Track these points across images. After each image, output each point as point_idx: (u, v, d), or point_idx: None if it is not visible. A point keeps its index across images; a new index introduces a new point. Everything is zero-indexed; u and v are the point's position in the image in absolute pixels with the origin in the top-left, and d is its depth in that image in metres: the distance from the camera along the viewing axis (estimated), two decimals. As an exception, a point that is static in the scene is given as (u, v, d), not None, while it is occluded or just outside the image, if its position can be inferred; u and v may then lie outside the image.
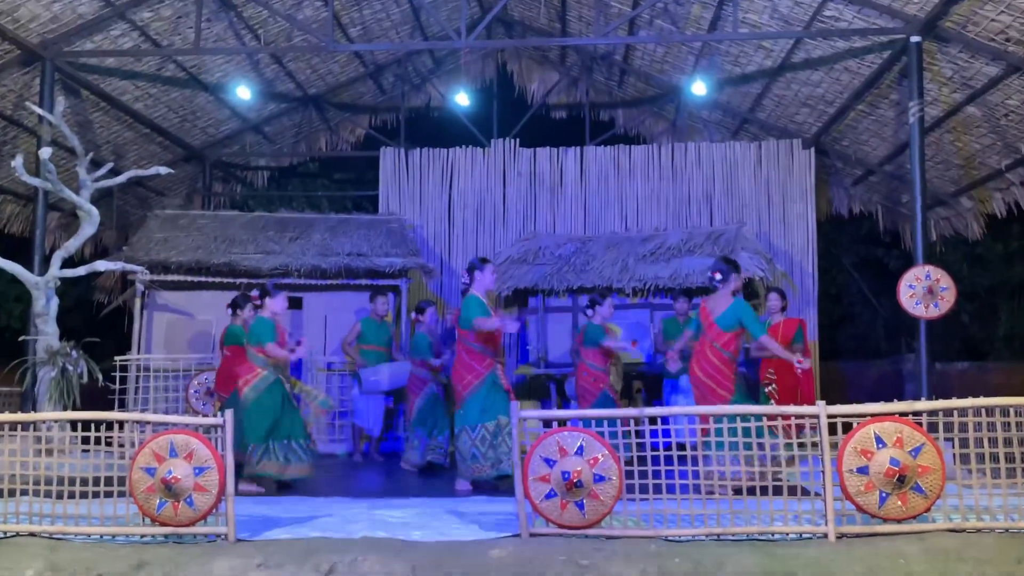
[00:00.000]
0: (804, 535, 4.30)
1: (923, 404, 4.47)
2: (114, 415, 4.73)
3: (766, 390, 8.14)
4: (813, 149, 11.36)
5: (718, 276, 6.31)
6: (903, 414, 4.36)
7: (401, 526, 4.80)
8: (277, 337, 6.61)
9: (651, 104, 12.81)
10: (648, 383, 9.56)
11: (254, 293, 6.87)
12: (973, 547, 4.05)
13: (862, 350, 13.58)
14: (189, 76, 10.56)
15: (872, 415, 4.36)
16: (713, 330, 6.21)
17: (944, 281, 7.84)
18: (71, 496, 4.61)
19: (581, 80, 12.74)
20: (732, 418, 4.71)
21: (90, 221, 8.11)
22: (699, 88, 11.06)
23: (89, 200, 8.15)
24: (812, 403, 4.75)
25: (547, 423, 4.81)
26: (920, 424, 4.34)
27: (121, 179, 8.59)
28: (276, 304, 6.79)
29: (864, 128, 10.71)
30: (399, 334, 9.80)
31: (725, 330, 6.16)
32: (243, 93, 11.05)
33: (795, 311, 9.84)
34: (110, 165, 8.71)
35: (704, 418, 5.18)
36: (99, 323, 10.48)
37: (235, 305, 8.12)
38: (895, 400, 4.42)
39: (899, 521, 4.26)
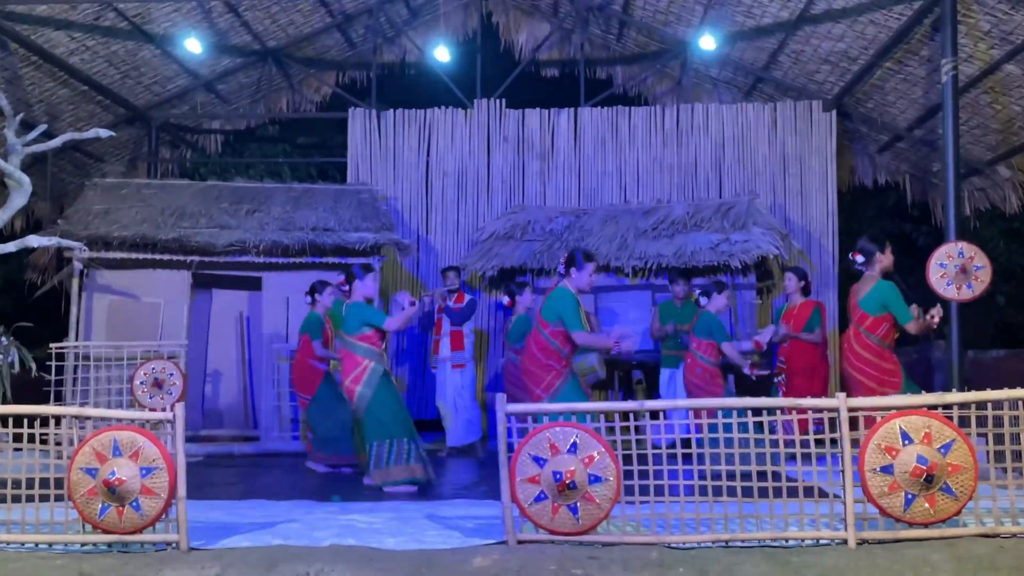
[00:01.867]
0: (821, 541, 4.33)
1: (954, 396, 4.50)
2: (50, 409, 4.71)
3: (775, 380, 8.21)
4: (834, 112, 11.37)
5: (859, 258, 6.54)
6: (932, 407, 4.39)
7: (373, 532, 4.81)
8: (373, 320, 6.73)
9: (654, 60, 12.78)
10: (648, 372, 9.62)
11: (339, 278, 6.94)
12: (1007, 554, 4.09)
13: (887, 336, 13.65)
14: (132, 26, 10.44)
15: (897, 408, 4.39)
16: (857, 313, 6.44)
17: (979, 259, 7.87)
18: (2, 500, 4.60)
19: (575, 33, 12.69)
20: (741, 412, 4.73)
21: (20, 191, 8.04)
22: (707, 43, 11.04)
23: (19, 167, 8.07)
24: (825, 395, 4.79)
25: (536, 418, 4.82)
26: (950, 418, 4.37)
27: (56, 143, 8.52)
28: (367, 288, 6.90)
29: (891, 88, 10.73)
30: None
31: (870, 313, 6.37)
32: (193, 46, 10.94)
33: (812, 293, 9.88)
34: (43, 127, 8.63)
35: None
36: (32, 306, 10.41)
37: (313, 290, 8.35)
38: (923, 391, 4.45)
39: (926, 526, 4.30)
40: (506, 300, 8.44)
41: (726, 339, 7.57)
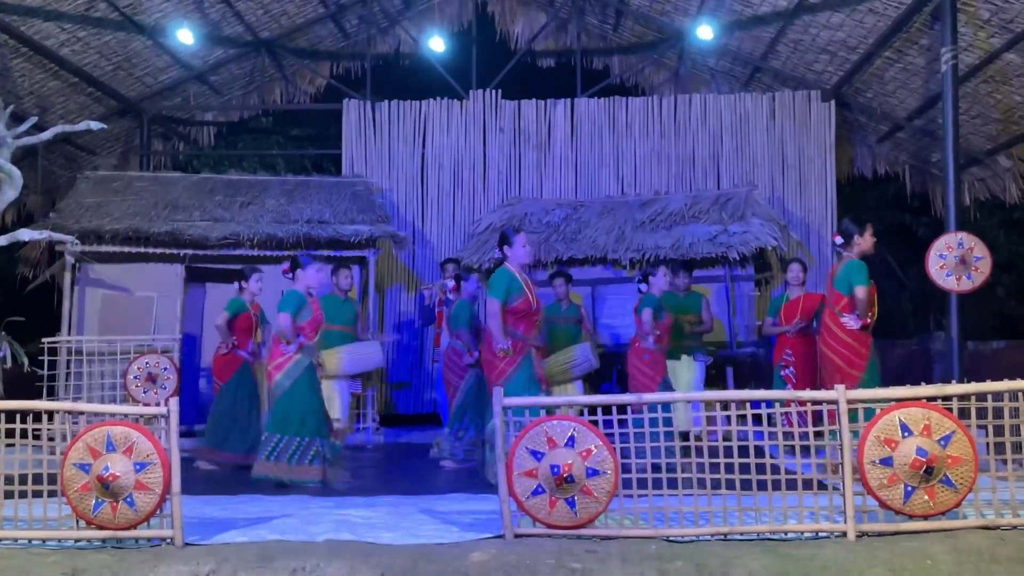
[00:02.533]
0: (820, 534, 4.34)
1: (954, 388, 4.50)
2: (43, 405, 4.70)
3: (782, 374, 8.21)
4: (833, 102, 11.37)
5: (839, 240, 6.56)
6: (931, 399, 4.40)
7: (369, 527, 4.81)
8: (306, 314, 6.58)
9: (651, 50, 12.76)
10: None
11: (284, 265, 6.85)
12: (1008, 546, 4.10)
13: (886, 327, 13.62)
14: (123, 17, 10.40)
15: (897, 400, 4.40)
16: (833, 294, 6.46)
17: (978, 250, 7.89)
18: (-6, 496, 4.60)
19: (571, 23, 12.66)
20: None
21: (11, 184, 8.02)
22: (705, 32, 11.02)
23: (10, 160, 8.06)
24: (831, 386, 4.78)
25: (535, 411, 4.82)
26: (950, 410, 4.38)
27: (47, 135, 8.50)
28: (309, 277, 6.72)
29: (891, 78, 10.73)
30: (366, 311, 9.78)
31: (844, 294, 6.38)
32: (185, 37, 10.91)
33: (811, 285, 9.87)
34: (34, 119, 8.60)
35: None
36: (24, 300, 10.40)
37: (241, 276, 8.13)
38: (922, 383, 4.46)
39: (926, 518, 4.31)
40: (451, 284, 8.35)
41: (645, 307, 7.72)
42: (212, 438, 7.72)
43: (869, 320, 6.38)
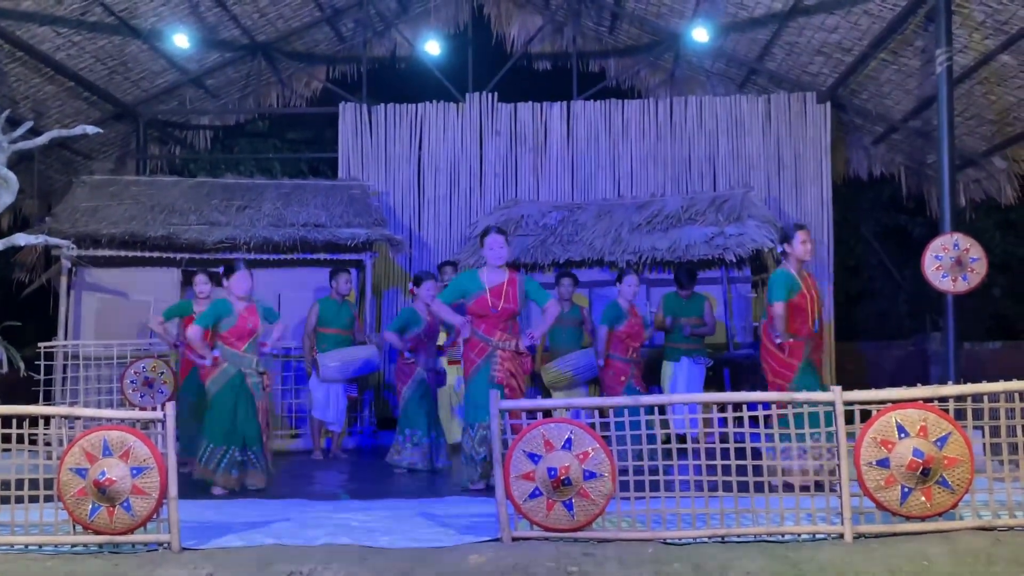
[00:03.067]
0: (818, 535, 4.35)
1: (950, 389, 4.51)
2: (39, 409, 4.69)
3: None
4: (829, 103, 11.38)
5: (777, 250, 6.57)
6: (928, 400, 4.41)
7: (366, 531, 4.81)
8: (229, 322, 6.60)
9: (646, 53, 12.77)
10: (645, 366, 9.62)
11: (220, 269, 6.85)
12: (1004, 547, 4.11)
13: (883, 328, 13.71)
14: (119, 21, 10.39)
15: (893, 401, 4.41)
16: (766, 305, 6.42)
17: (974, 251, 7.90)
18: (-9, 502, 4.59)
19: (567, 25, 12.67)
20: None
21: (7, 188, 8.01)
22: (700, 34, 11.03)
23: (6, 164, 8.04)
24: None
25: (531, 414, 4.83)
26: (946, 411, 4.39)
27: (42, 140, 8.47)
28: (233, 284, 6.76)
29: (886, 79, 10.74)
30: (363, 315, 9.78)
31: (768, 302, 6.32)
32: (181, 41, 10.90)
33: (808, 286, 9.90)
34: (29, 124, 8.58)
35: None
36: (20, 305, 10.38)
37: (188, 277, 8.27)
38: (919, 384, 4.47)
39: (923, 519, 4.32)
40: (411, 287, 8.35)
41: (604, 323, 7.85)
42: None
43: (796, 337, 6.24)
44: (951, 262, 7.87)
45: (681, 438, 6.02)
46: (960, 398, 4.49)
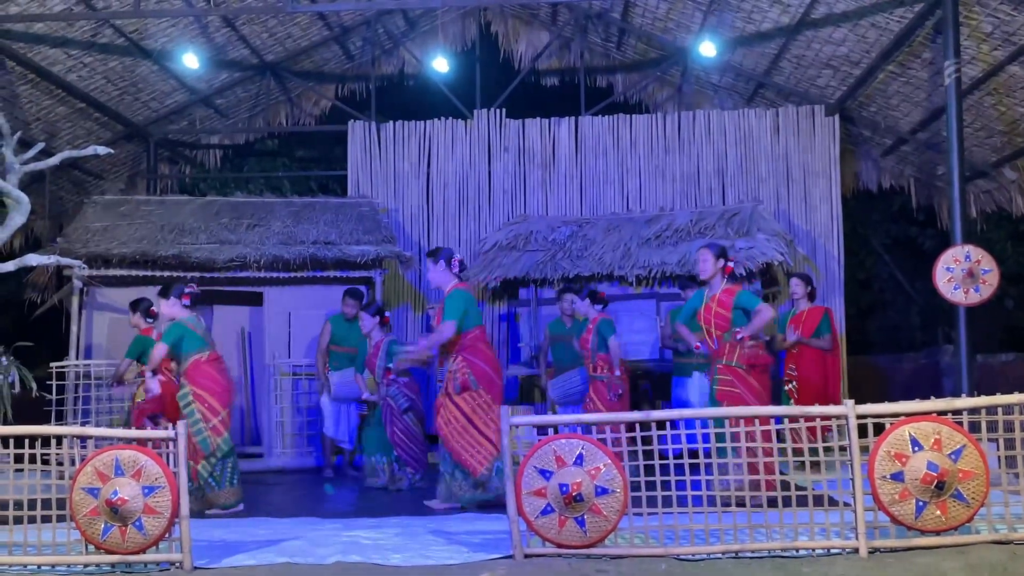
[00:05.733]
0: (832, 550, 4.32)
1: (964, 401, 4.49)
2: (51, 429, 4.71)
3: (786, 388, 8.19)
4: (837, 116, 11.38)
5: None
6: (941, 413, 4.38)
7: (378, 549, 4.80)
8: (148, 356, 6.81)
9: (654, 68, 12.80)
10: (655, 382, 9.60)
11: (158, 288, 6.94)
12: (1021, 561, 4.08)
13: (894, 341, 13.66)
14: (129, 43, 10.48)
15: (907, 414, 4.39)
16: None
17: (986, 262, 7.87)
18: (3, 522, 4.60)
19: (575, 41, 12.72)
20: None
21: (19, 209, 8.04)
22: (708, 49, 11.05)
23: (18, 185, 8.08)
24: (838, 402, 4.77)
25: (542, 430, 4.82)
26: (960, 424, 4.37)
27: (54, 161, 8.52)
28: (164, 308, 6.84)
29: (894, 91, 10.74)
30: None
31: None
32: (191, 61, 10.98)
33: (819, 299, 9.86)
34: (41, 145, 8.62)
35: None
36: (32, 325, 10.42)
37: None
38: (932, 397, 4.45)
39: (938, 533, 4.29)
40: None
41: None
42: None
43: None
44: (963, 274, 7.85)
45: (693, 453, 5.99)
46: (974, 411, 4.46)
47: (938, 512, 4.26)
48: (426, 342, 6.77)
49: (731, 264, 6.49)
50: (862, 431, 4.39)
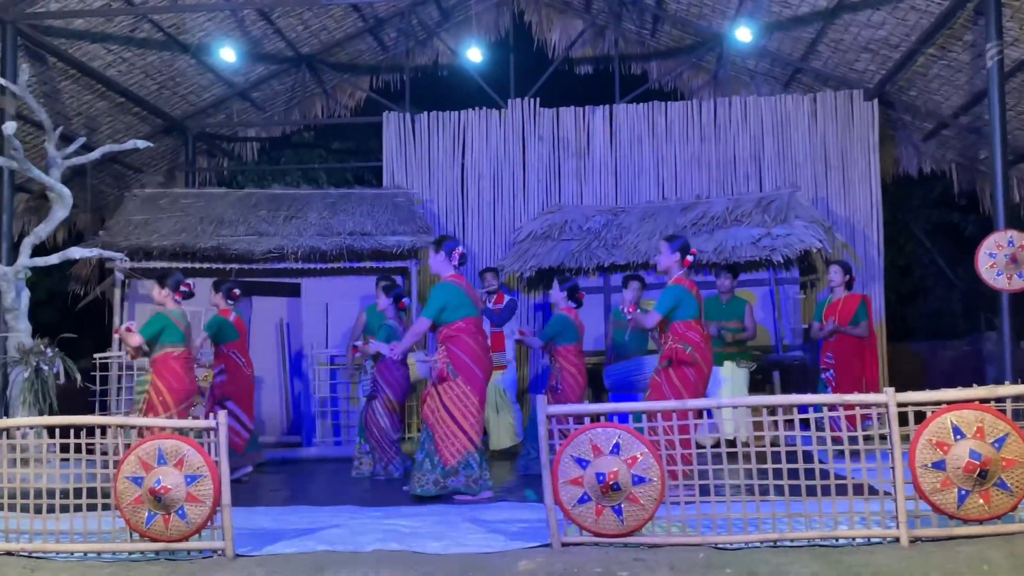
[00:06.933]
0: (873, 540, 4.28)
1: (1007, 389, 4.42)
2: (95, 419, 4.79)
3: (823, 377, 8.12)
4: (876, 100, 11.22)
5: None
6: (984, 400, 4.32)
7: (416, 537, 4.84)
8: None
9: (689, 54, 12.70)
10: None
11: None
12: (1066, 550, 4.02)
13: (936, 329, 13.47)
14: (167, 37, 10.59)
15: (948, 402, 4.33)
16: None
17: (1030, 248, 7.73)
18: (50, 510, 4.69)
19: (609, 29, 12.65)
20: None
21: (62, 203, 8.16)
22: (744, 34, 10.94)
23: (60, 179, 8.20)
24: (876, 390, 4.72)
25: (579, 419, 4.81)
26: (1004, 411, 4.30)
27: (95, 155, 8.63)
28: (157, 294, 6.85)
29: (935, 75, 10.57)
30: (409, 322, 9.83)
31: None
32: (227, 55, 11.07)
33: (858, 286, 9.76)
34: (82, 140, 8.75)
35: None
36: (75, 317, 10.60)
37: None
38: (974, 385, 4.39)
39: (981, 522, 4.24)
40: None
41: (543, 336, 7.90)
42: None
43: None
44: (1006, 259, 7.73)
45: (730, 442, 5.97)
46: (1018, 398, 4.40)
47: (981, 501, 4.21)
48: (400, 345, 7.14)
49: (690, 258, 6.48)
50: (903, 419, 4.34)
